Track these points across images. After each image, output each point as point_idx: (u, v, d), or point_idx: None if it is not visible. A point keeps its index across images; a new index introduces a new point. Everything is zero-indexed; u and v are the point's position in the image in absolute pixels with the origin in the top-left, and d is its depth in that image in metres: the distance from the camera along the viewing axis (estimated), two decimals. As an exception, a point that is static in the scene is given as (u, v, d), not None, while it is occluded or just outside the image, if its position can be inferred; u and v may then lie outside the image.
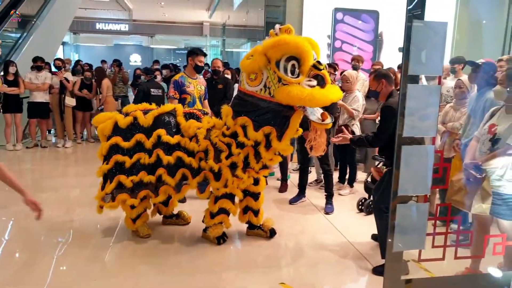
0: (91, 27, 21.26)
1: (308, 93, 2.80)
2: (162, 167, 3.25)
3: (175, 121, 3.36)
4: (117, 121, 3.39)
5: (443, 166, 2.52)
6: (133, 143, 3.31)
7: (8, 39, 10.30)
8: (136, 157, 3.29)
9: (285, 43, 2.82)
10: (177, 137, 3.29)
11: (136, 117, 3.37)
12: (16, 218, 4.07)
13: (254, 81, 2.98)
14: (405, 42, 2.25)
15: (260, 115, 3.03)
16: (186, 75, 4.27)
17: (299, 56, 2.85)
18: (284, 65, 2.87)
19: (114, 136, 3.36)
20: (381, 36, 7.21)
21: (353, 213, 4.36)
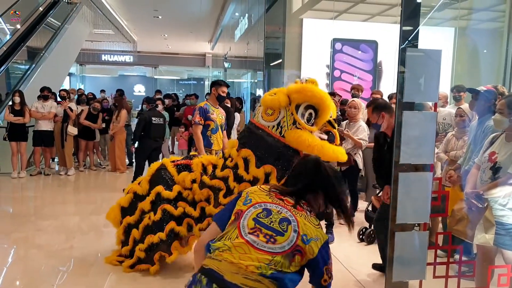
0: (97, 59, 21.76)
1: (319, 143, 2.86)
2: (172, 219, 3.23)
3: (169, 174, 3.37)
4: (121, 205, 3.46)
5: (441, 194, 2.51)
6: (138, 215, 3.34)
7: (18, 71, 10.57)
8: (144, 224, 3.29)
9: (311, 91, 2.87)
10: (176, 187, 3.27)
11: (135, 191, 3.42)
12: (17, 245, 4.04)
13: (270, 116, 2.98)
14: (400, 69, 2.30)
15: (265, 152, 2.99)
16: (209, 104, 4.48)
17: (319, 107, 2.90)
18: (302, 111, 2.90)
19: (125, 218, 3.41)
20: (380, 66, 7.33)
21: (353, 242, 4.29)
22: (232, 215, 1.63)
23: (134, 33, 19.53)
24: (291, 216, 1.57)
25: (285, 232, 1.53)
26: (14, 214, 5.27)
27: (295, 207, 1.62)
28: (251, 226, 1.54)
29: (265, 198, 1.63)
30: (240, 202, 1.64)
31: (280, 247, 1.51)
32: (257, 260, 1.47)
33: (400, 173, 2.30)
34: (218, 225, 1.67)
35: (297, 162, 1.86)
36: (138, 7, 14.29)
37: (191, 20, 15.56)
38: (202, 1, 13.11)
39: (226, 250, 1.50)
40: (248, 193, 1.67)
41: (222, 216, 1.69)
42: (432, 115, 2.36)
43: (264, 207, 1.59)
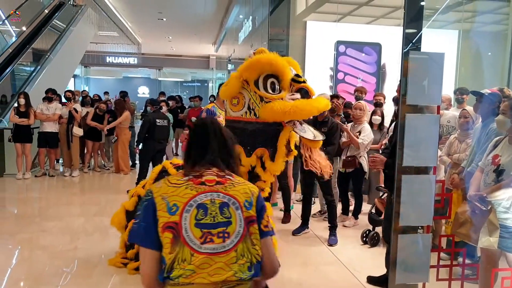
0: (101, 60, 21.89)
1: (292, 105, 2.71)
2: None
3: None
4: (126, 209, 3.50)
5: (445, 197, 2.51)
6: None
7: (23, 72, 10.65)
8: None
9: (258, 61, 2.79)
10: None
11: (139, 194, 3.45)
12: (21, 246, 4.07)
13: (237, 105, 2.90)
14: (403, 72, 2.30)
15: (249, 139, 2.90)
16: (217, 106, 4.48)
17: (275, 72, 2.79)
18: (263, 84, 2.80)
19: (130, 222, 3.41)
20: (384, 68, 7.33)
21: (357, 245, 4.29)
22: (164, 230, 1.33)
23: (139, 35, 19.64)
24: (224, 197, 1.39)
25: (231, 217, 1.38)
26: (18, 215, 5.31)
27: (219, 182, 1.43)
28: (199, 235, 1.33)
29: (188, 193, 1.37)
30: (162, 213, 1.34)
31: (236, 235, 1.37)
32: (226, 266, 1.34)
33: (403, 175, 2.30)
34: (151, 248, 1.35)
35: (188, 135, 1.63)
36: (142, 9, 14.36)
37: (195, 23, 15.63)
38: (206, 3, 13.17)
39: (190, 274, 1.31)
40: (166, 198, 1.36)
41: (145, 235, 1.36)
42: (435, 118, 2.37)
43: (195, 205, 1.36)
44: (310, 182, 4.50)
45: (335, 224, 4.36)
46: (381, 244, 4.22)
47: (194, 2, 13.13)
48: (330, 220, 4.37)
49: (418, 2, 2.37)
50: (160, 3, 13.21)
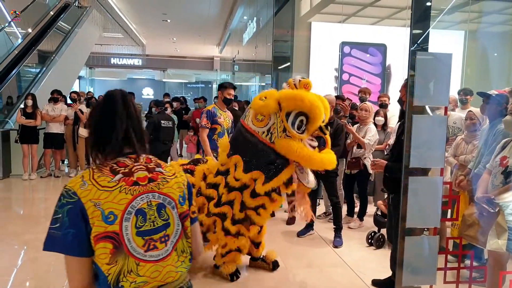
0: (106, 62, 21.99)
1: (307, 153, 2.83)
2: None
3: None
4: None
5: (452, 199, 2.48)
6: None
7: (28, 74, 10.72)
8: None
9: (301, 99, 2.83)
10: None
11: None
12: (27, 246, 4.08)
13: (260, 122, 2.95)
14: (410, 73, 2.29)
15: (254, 157, 2.97)
16: (217, 107, 4.43)
17: (310, 115, 2.87)
18: (293, 119, 2.87)
19: None
20: (389, 69, 7.30)
21: (362, 246, 4.26)
22: (100, 240, 1.21)
23: (143, 36, 19.71)
24: (159, 197, 1.31)
25: (169, 219, 1.31)
26: (24, 216, 5.34)
27: (151, 179, 1.32)
28: (141, 243, 1.25)
29: (123, 198, 1.24)
30: (98, 222, 1.21)
31: (174, 235, 1.32)
32: (173, 267, 1.31)
33: (410, 177, 2.29)
34: (84, 256, 1.23)
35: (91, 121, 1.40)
36: (147, 11, 14.42)
37: (199, 24, 15.66)
38: (210, 5, 13.19)
39: (142, 284, 1.25)
40: (99, 205, 1.21)
41: (77, 243, 1.22)
42: (442, 119, 2.35)
43: (134, 212, 1.25)
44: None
45: (340, 226, 4.34)
46: (387, 246, 4.19)
47: (199, 4, 13.15)
48: (335, 221, 4.35)
49: (425, 2, 2.35)
50: (164, 5, 13.26)
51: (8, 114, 8.69)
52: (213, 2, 13.12)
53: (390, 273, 3.21)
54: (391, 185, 3.02)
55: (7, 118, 8.52)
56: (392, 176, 2.98)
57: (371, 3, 8.12)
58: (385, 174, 3.11)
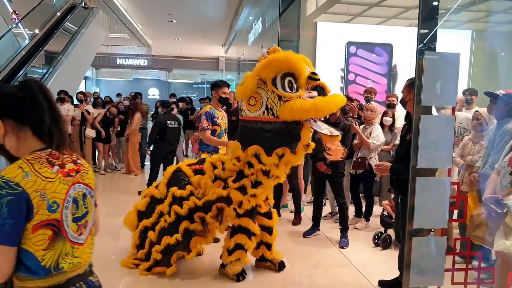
0: (112, 62, 22.09)
1: (312, 103, 2.73)
2: (184, 219, 3.25)
3: (186, 176, 3.41)
4: (138, 209, 3.50)
5: (460, 199, 2.47)
6: (155, 217, 3.37)
7: (35, 74, 10.79)
8: (160, 226, 3.31)
9: (275, 60, 2.79)
10: (189, 187, 3.30)
11: (152, 195, 3.46)
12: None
13: (254, 106, 2.91)
14: (417, 72, 2.27)
15: (268, 139, 2.92)
16: (214, 107, 4.24)
17: (293, 70, 2.79)
18: (281, 83, 2.81)
19: (142, 221, 3.44)
20: (395, 69, 7.27)
21: (368, 247, 4.24)
22: (40, 228, 1.27)
23: (149, 37, 19.78)
24: (83, 187, 1.43)
25: (88, 207, 1.46)
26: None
27: (77, 171, 1.42)
28: (75, 229, 1.38)
29: (62, 188, 1.33)
30: (42, 211, 1.27)
31: (91, 221, 1.48)
32: (89, 250, 1.51)
33: (417, 177, 2.27)
34: (13, 246, 1.26)
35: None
36: (153, 11, 14.46)
37: (205, 24, 15.68)
38: (216, 5, 13.20)
39: (78, 265, 1.43)
40: (44, 195, 1.27)
41: (13, 233, 1.24)
42: (449, 119, 2.33)
43: (71, 200, 1.36)
44: (321, 183, 4.47)
45: (346, 226, 4.33)
46: (393, 247, 4.18)
47: (204, 4, 13.17)
48: (342, 222, 4.34)
49: (432, 1, 2.33)
50: (170, 5, 13.29)
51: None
52: (219, 3, 13.13)
53: (397, 274, 3.20)
54: (399, 186, 3.00)
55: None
56: (399, 178, 2.96)
57: (377, 3, 8.08)
58: (391, 176, 3.10)
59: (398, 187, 3.08)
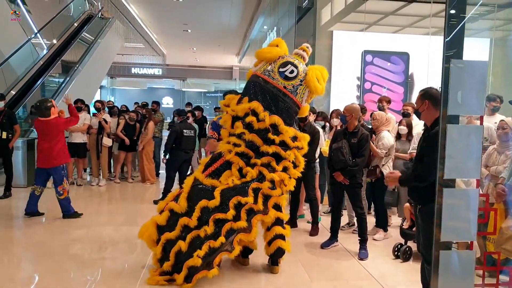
0: (127, 71, 22.42)
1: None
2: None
3: (206, 186, 3.41)
4: (158, 223, 3.41)
5: (488, 211, 2.39)
6: (179, 230, 3.30)
7: (52, 84, 10.98)
8: (194, 234, 3.27)
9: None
10: (216, 194, 3.31)
11: (172, 208, 3.39)
12: (50, 254, 4.11)
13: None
14: (444, 81, 2.22)
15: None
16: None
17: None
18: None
19: (164, 235, 3.35)
20: (411, 78, 7.19)
21: (388, 259, 4.14)
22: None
23: (164, 46, 20.02)
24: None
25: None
26: (47, 224, 5.39)
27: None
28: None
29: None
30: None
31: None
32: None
33: (444, 189, 2.20)
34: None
35: None
36: (168, 21, 14.66)
37: (219, 34, 15.83)
38: (231, 15, 13.32)
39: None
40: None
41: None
42: (477, 129, 2.26)
43: None
44: (339, 193, 4.40)
45: (365, 238, 4.23)
46: (413, 259, 4.07)
47: (219, 14, 13.30)
48: (360, 233, 4.25)
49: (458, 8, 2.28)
50: (186, 15, 13.45)
51: (33, 124, 8.88)
52: (234, 13, 13.24)
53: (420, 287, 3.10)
54: (419, 196, 2.89)
55: (32, 127, 8.70)
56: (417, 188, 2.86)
57: (393, 11, 8.04)
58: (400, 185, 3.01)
59: (417, 197, 2.95)
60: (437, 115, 2.86)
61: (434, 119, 2.81)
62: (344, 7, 7.75)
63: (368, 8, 7.24)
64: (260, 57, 3.69)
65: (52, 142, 5.19)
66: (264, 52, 3.69)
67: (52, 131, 5.22)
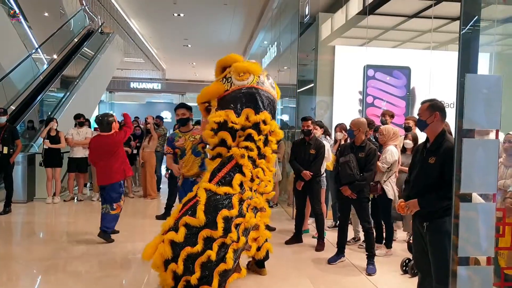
0: (126, 86, 22.46)
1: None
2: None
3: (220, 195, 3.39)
4: (173, 241, 3.22)
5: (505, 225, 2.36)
6: (202, 243, 3.20)
7: (51, 99, 10.97)
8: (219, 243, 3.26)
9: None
10: (235, 202, 3.37)
11: (187, 223, 3.26)
12: (47, 271, 4.03)
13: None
14: (459, 95, 2.22)
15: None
16: (178, 131, 4.53)
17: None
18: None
19: (184, 250, 3.19)
20: (413, 92, 7.22)
21: (397, 274, 4.08)
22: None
23: (164, 61, 20.13)
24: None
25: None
26: (47, 240, 5.30)
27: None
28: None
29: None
30: None
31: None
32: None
33: (461, 203, 2.18)
34: None
35: None
36: (169, 37, 14.76)
37: (219, 49, 15.91)
38: (231, 30, 13.45)
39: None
40: None
41: None
42: (493, 143, 2.26)
43: None
44: (346, 208, 4.35)
45: (373, 253, 4.18)
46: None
47: (220, 29, 13.43)
48: (368, 248, 4.19)
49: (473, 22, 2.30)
50: (186, 31, 13.56)
51: (32, 138, 8.83)
52: (234, 28, 13.38)
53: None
54: (427, 211, 2.73)
55: (31, 142, 8.66)
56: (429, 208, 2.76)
57: (393, 26, 8.13)
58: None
59: (424, 213, 2.76)
60: (441, 128, 2.80)
61: (438, 132, 2.73)
62: (345, 22, 7.83)
63: (369, 23, 7.31)
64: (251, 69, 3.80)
65: (111, 158, 4.87)
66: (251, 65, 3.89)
67: (113, 147, 4.91)
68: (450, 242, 2.26)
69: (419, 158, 2.88)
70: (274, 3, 10.62)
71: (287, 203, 7.27)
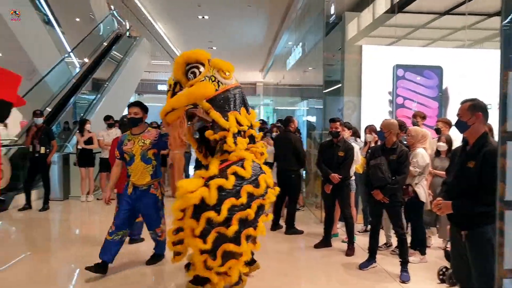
0: (154, 88, 22.82)
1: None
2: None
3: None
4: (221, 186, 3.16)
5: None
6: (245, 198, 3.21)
7: (84, 101, 11.31)
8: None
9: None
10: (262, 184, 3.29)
11: (237, 172, 3.22)
12: (83, 266, 4.10)
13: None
14: (501, 96, 2.10)
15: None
16: (129, 133, 3.94)
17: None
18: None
19: (227, 200, 3.15)
20: (445, 92, 6.97)
21: (433, 282, 3.91)
22: None
23: (189, 63, 20.32)
24: None
25: None
26: (82, 237, 5.42)
27: None
28: None
29: None
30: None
31: None
32: None
33: (506, 211, 2.06)
34: None
35: None
36: (194, 39, 14.91)
37: (244, 51, 15.98)
38: (256, 32, 13.44)
39: None
40: None
41: None
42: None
43: None
44: (378, 212, 4.23)
45: (406, 259, 4.04)
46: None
47: (244, 32, 13.45)
48: (401, 254, 4.06)
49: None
50: (212, 33, 13.67)
51: (67, 139, 9.13)
52: (259, 30, 13.37)
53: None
54: (466, 219, 2.59)
55: (66, 142, 8.96)
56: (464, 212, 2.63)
57: (424, 24, 7.90)
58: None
59: (464, 221, 2.62)
60: (483, 130, 2.64)
61: (480, 134, 2.58)
62: (372, 21, 7.66)
63: (397, 22, 7.13)
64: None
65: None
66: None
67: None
68: (493, 252, 2.14)
69: (457, 161, 2.75)
70: (298, 3, 10.55)
71: (314, 206, 7.17)
